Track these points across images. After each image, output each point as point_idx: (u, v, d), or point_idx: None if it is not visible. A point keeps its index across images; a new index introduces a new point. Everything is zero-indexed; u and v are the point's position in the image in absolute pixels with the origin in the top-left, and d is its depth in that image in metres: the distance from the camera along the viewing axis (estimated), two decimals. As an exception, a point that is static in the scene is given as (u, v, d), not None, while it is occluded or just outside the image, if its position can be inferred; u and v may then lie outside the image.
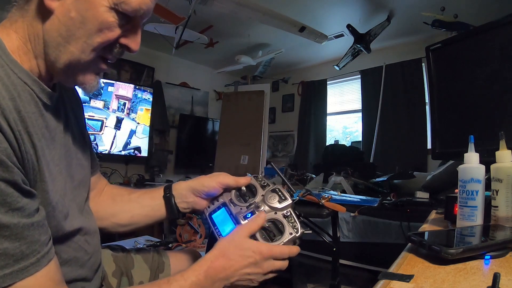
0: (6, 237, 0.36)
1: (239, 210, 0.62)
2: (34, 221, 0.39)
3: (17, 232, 0.37)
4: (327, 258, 2.09)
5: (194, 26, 2.97)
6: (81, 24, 0.43)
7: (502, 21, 0.83)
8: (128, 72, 3.87)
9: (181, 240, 2.48)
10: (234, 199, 0.64)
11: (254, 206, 0.61)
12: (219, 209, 0.64)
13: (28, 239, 0.38)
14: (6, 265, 0.36)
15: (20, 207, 0.38)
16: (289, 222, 0.57)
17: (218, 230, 0.61)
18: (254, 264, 0.51)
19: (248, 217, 0.60)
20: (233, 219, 0.61)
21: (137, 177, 3.69)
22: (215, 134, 4.41)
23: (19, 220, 0.37)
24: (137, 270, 0.73)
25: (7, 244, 0.36)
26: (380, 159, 3.59)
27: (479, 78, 0.89)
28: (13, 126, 0.38)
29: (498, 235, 0.54)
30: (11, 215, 0.36)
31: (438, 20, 2.62)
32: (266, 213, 0.59)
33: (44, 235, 0.41)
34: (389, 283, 0.41)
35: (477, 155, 0.63)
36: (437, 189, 2.06)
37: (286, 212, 0.59)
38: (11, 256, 0.36)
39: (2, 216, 0.36)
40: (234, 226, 0.60)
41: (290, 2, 2.84)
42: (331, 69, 3.92)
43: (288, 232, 0.56)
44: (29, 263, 0.38)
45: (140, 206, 0.69)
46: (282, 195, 0.61)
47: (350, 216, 2.16)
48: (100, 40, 0.44)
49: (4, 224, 0.36)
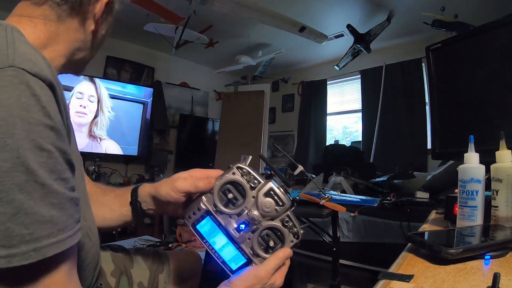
0: (53, 204, 0.35)
1: (228, 220, 0.52)
2: (73, 197, 0.39)
3: (63, 201, 0.37)
4: (327, 258, 2.09)
5: (194, 26, 2.97)
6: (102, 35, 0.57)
7: (502, 21, 0.83)
8: (128, 72, 3.87)
9: (181, 240, 2.47)
10: (219, 204, 0.53)
11: (247, 215, 0.52)
12: (203, 219, 0.54)
13: (68, 212, 0.38)
14: (51, 233, 0.35)
15: (66, 178, 0.38)
16: (289, 230, 0.52)
17: (209, 244, 0.54)
18: None
19: (242, 229, 0.52)
20: (222, 230, 0.53)
21: (137, 177, 3.69)
22: (215, 134, 4.41)
23: (64, 191, 0.37)
24: (136, 270, 0.72)
25: (54, 212, 0.35)
26: (380, 159, 3.59)
27: (479, 78, 0.89)
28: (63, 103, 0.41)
29: (498, 235, 0.54)
30: (59, 183, 0.36)
31: (438, 20, 2.62)
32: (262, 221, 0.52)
33: (77, 213, 0.40)
34: (389, 283, 0.41)
35: (477, 155, 0.62)
36: (437, 189, 2.07)
37: (284, 218, 0.52)
38: (56, 225, 0.36)
39: (53, 182, 0.35)
40: (226, 239, 0.53)
41: (290, 2, 2.84)
42: (331, 69, 3.92)
43: (289, 240, 0.52)
44: (69, 235, 0.37)
45: (110, 210, 0.67)
46: (279, 199, 0.52)
47: (350, 216, 2.16)
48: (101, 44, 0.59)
49: (55, 191, 0.35)
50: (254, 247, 0.52)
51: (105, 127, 3.32)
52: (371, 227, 2.09)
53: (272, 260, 0.51)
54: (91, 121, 3.21)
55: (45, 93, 0.36)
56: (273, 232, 0.52)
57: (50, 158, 0.35)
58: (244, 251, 0.53)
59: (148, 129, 3.74)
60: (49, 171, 0.35)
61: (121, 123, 3.47)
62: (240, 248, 0.53)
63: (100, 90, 3.28)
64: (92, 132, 3.22)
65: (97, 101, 3.26)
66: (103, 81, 3.33)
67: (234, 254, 0.53)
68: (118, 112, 3.43)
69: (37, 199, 0.34)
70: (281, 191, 0.52)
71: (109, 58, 3.66)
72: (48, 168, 0.35)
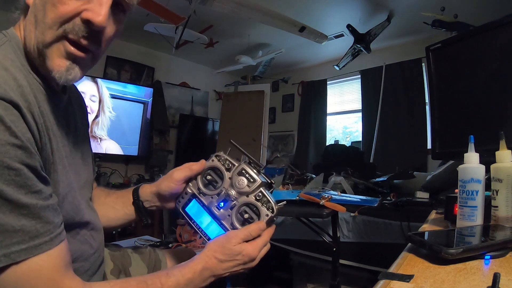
0: (24, 215, 0.39)
1: (210, 199, 0.60)
2: (49, 204, 0.42)
3: (34, 212, 0.40)
4: (327, 258, 2.09)
5: (194, 26, 2.97)
6: (41, 6, 0.44)
7: (502, 21, 0.83)
8: (128, 72, 3.87)
9: (181, 240, 2.47)
10: (202, 187, 0.61)
11: (225, 194, 0.59)
12: (190, 202, 0.63)
13: (43, 220, 0.41)
14: (22, 241, 0.39)
15: (38, 190, 0.41)
16: (262, 204, 0.57)
17: (196, 224, 0.61)
18: (243, 263, 0.56)
19: (222, 206, 0.59)
20: (206, 209, 0.61)
21: (137, 177, 3.69)
22: (215, 134, 4.41)
23: (37, 202, 0.40)
24: (134, 268, 0.74)
25: (25, 222, 0.39)
26: (380, 159, 3.59)
27: (479, 78, 0.89)
28: (36, 119, 0.42)
29: (498, 235, 0.54)
30: (30, 196, 0.39)
31: (438, 20, 2.62)
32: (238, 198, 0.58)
33: (57, 218, 0.44)
34: (389, 283, 0.41)
35: (477, 155, 0.62)
36: (437, 189, 2.06)
37: (257, 194, 0.58)
38: (27, 233, 0.39)
39: (23, 197, 0.39)
40: (210, 217, 0.60)
41: (290, 2, 2.84)
42: (331, 69, 3.92)
43: (264, 214, 0.57)
44: (43, 241, 0.41)
45: (114, 210, 0.71)
46: (250, 177, 0.58)
47: (350, 216, 2.16)
48: (53, 16, 0.43)
49: (24, 204, 0.39)
50: (233, 223, 0.58)
51: (105, 128, 3.31)
52: (371, 227, 2.09)
53: (245, 228, 0.57)
54: (92, 121, 3.20)
55: (10, 113, 0.38)
56: (249, 208, 0.58)
57: (19, 176, 0.38)
58: (225, 227, 0.59)
59: (148, 129, 3.74)
60: (18, 187, 0.38)
61: (121, 123, 3.46)
62: (222, 224, 0.60)
63: (102, 90, 3.27)
64: (93, 132, 3.22)
65: (99, 101, 3.25)
66: (104, 81, 3.33)
67: (217, 230, 0.60)
68: (118, 112, 3.42)
69: (5, 212, 0.37)
70: (253, 171, 0.59)
71: (109, 58, 3.66)
72: (17, 185, 0.38)
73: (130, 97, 3.56)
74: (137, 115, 3.63)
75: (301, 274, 2.18)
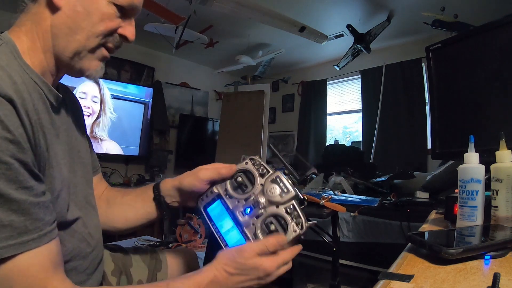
0: (13, 211, 0.39)
1: (236, 203, 0.56)
2: (40, 201, 0.42)
3: (24, 207, 0.40)
4: (327, 258, 2.09)
5: (194, 26, 2.97)
6: (86, 16, 0.50)
7: (502, 21, 0.83)
8: (128, 72, 3.87)
9: (181, 240, 2.48)
10: (230, 189, 0.57)
11: (253, 200, 0.54)
12: (214, 202, 0.58)
13: (33, 216, 0.41)
14: (10, 236, 0.38)
15: (29, 186, 0.41)
16: (292, 218, 0.52)
17: (216, 227, 0.56)
18: (257, 278, 0.51)
19: (247, 212, 0.54)
20: (230, 214, 0.56)
21: (137, 177, 3.69)
22: (215, 134, 4.41)
23: (27, 198, 0.40)
24: (135, 268, 0.74)
25: (14, 217, 0.39)
26: (380, 159, 3.59)
27: (479, 78, 0.89)
28: (30, 115, 0.43)
29: (498, 235, 0.54)
30: (20, 192, 0.39)
31: (438, 20, 2.62)
32: (267, 207, 0.53)
33: (48, 216, 0.43)
34: (389, 283, 0.41)
35: (477, 155, 0.63)
36: (437, 189, 2.07)
37: (289, 206, 0.52)
38: (16, 229, 0.39)
39: (13, 192, 0.39)
40: (232, 222, 0.55)
41: (290, 2, 2.84)
42: (331, 69, 3.92)
43: (292, 229, 0.51)
44: (31, 238, 0.40)
45: (133, 209, 0.69)
46: (284, 186, 0.53)
47: (350, 216, 2.16)
48: (103, 29, 0.51)
49: (14, 199, 0.39)
50: (257, 232, 0.53)
51: (106, 128, 3.30)
52: (371, 227, 2.09)
53: (261, 241, 0.51)
54: (93, 122, 3.20)
55: (4, 108, 0.39)
56: (277, 220, 0.53)
57: (9, 170, 0.38)
58: (247, 236, 0.54)
59: (148, 129, 3.74)
60: (8, 181, 0.38)
61: (122, 123, 3.46)
62: (244, 232, 0.54)
63: (103, 90, 3.26)
64: (93, 133, 3.21)
65: (100, 102, 3.24)
66: (105, 81, 3.33)
67: (237, 238, 0.55)
68: (119, 113, 3.41)
69: None
70: (288, 181, 0.54)
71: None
72: (7, 179, 0.38)
73: (131, 98, 3.55)
74: (138, 116, 3.62)
75: (301, 274, 2.18)
